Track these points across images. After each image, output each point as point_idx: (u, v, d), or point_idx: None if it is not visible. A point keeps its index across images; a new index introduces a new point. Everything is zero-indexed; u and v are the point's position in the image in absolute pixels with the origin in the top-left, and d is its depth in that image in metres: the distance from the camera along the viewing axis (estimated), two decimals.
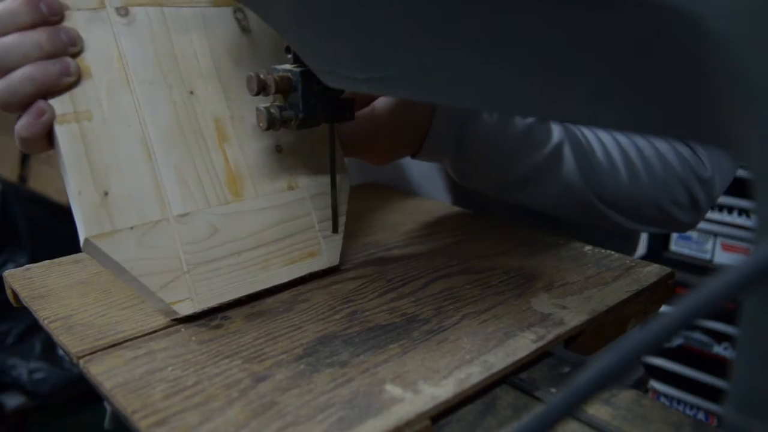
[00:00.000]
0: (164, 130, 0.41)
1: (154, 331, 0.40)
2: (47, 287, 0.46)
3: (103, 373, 0.35)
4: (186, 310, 0.40)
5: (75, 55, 0.39)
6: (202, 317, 0.41)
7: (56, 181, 1.40)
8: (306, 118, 0.42)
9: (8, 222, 1.52)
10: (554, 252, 0.52)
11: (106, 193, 0.38)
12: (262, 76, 0.42)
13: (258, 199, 0.45)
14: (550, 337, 0.39)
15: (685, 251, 1.49)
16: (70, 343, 0.38)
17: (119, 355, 0.37)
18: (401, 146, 0.54)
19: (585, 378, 0.16)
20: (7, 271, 0.49)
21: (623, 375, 0.16)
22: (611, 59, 0.23)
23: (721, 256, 1.45)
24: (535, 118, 0.53)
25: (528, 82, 0.27)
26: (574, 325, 0.40)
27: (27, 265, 0.50)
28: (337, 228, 0.49)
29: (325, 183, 0.49)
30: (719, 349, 1.44)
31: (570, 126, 0.55)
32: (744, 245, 1.40)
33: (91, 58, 0.39)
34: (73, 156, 0.38)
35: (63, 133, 0.37)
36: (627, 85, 0.23)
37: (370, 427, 0.30)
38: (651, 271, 0.48)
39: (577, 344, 0.41)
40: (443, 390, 0.33)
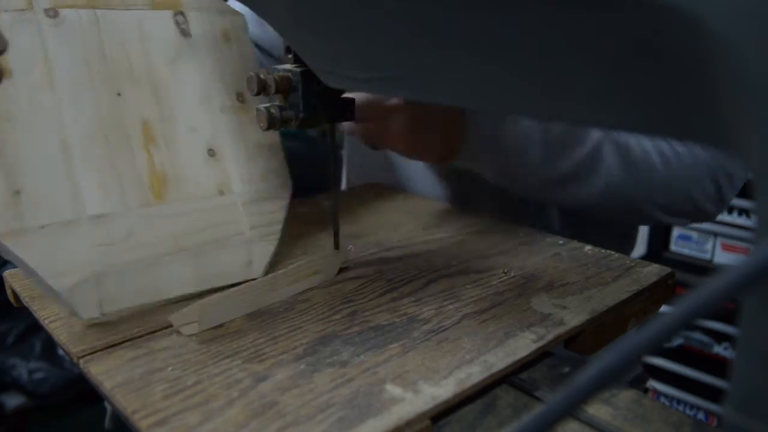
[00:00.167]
0: (86, 131, 0.41)
1: (154, 331, 0.40)
2: None
3: (103, 372, 0.35)
4: (91, 313, 0.39)
5: None
6: None
7: None
8: (306, 118, 0.43)
9: None
10: (554, 252, 0.52)
11: (17, 192, 0.38)
12: (263, 76, 0.42)
13: (182, 202, 0.44)
14: (550, 337, 0.39)
15: (685, 251, 1.49)
16: (70, 342, 0.38)
17: (119, 355, 0.37)
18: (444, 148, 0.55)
19: (585, 378, 0.16)
20: (7, 271, 0.48)
21: (623, 375, 0.16)
22: (611, 59, 0.23)
23: (721, 256, 1.45)
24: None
25: (528, 82, 0.27)
26: (574, 325, 0.40)
27: None
28: (338, 245, 0.49)
29: (261, 190, 0.48)
30: (719, 349, 1.44)
31: None
32: (744, 245, 1.39)
33: (14, 59, 0.39)
34: None
35: None
36: (627, 85, 0.23)
37: (370, 427, 0.30)
38: (651, 271, 0.48)
39: (577, 344, 0.41)
40: (443, 390, 0.33)
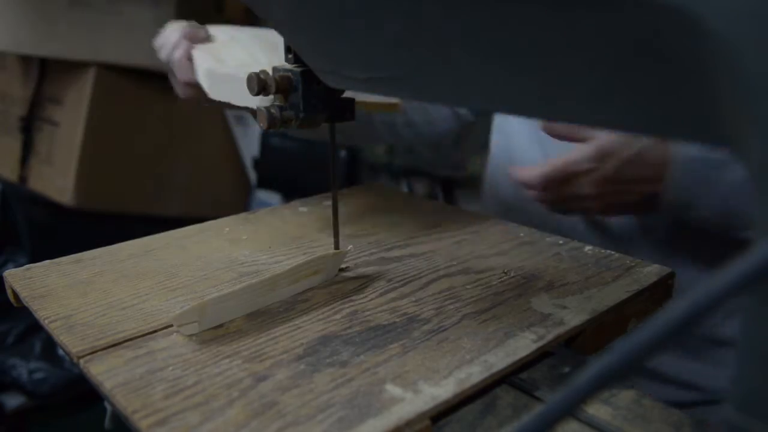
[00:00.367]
0: None
1: (155, 331, 0.40)
2: (47, 287, 0.46)
3: (104, 372, 0.35)
4: None
5: None
6: None
7: (56, 181, 1.40)
8: (306, 118, 0.43)
9: (8, 222, 1.51)
10: (554, 252, 0.52)
11: None
12: (263, 75, 0.42)
13: None
14: (550, 337, 0.39)
15: None
16: (70, 343, 0.38)
17: (119, 355, 0.37)
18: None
19: (585, 378, 0.16)
20: (7, 271, 0.48)
21: (623, 375, 0.16)
22: (611, 59, 0.23)
23: None
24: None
25: (528, 82, 0.27)
26: (574, 325, 0.40)
27: (27, 265, 0.49)
28: (338, 245, 0.49)
29: None
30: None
31: None
32: None
33: None
34: None
35: None
36: (627, 85, 0.23)
37: (370, 426, 0.30)
38: (651, 271, 0.48)
39: (577, 344, 0.41)
40: (443, 390, 0.33)
